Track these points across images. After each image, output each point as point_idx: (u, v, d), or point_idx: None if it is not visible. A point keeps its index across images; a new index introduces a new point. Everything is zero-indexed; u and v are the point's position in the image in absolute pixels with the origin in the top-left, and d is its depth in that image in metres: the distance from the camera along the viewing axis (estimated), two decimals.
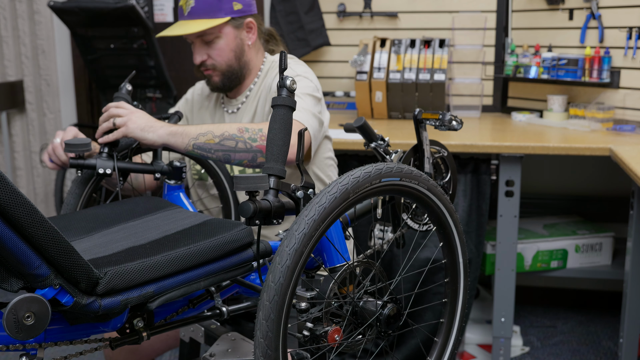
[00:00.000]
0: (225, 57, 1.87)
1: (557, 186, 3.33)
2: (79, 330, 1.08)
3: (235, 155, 1.60)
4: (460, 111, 3.15)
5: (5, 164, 3.82)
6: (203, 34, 1.83)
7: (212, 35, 1.84)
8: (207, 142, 1.59)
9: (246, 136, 1.60)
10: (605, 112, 2.74)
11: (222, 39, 1.85)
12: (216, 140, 1.59)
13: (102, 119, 1.61)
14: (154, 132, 1.58)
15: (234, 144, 1.59)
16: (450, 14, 3.20)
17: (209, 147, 1.59)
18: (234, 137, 1.60)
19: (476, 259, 2.64)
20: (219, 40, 1.85)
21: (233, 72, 1.90)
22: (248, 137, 1.60)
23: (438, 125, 1.51)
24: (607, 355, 2.91)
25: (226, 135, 1.59)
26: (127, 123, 1.57)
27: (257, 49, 1.96)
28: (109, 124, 1.59)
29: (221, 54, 1.86)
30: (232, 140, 1.59)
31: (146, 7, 3.57)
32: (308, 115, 1.77)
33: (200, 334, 1.58)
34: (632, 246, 2.32)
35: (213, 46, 1.85)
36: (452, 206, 1.23)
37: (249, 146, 1.60)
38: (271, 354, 0.94)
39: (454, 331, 1.31)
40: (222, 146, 1.59)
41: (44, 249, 0.90)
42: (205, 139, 1.59)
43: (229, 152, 1.60)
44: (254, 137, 1.60)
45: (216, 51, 1.86)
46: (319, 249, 1.21)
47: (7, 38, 3.71)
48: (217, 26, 1.82)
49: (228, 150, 1.59)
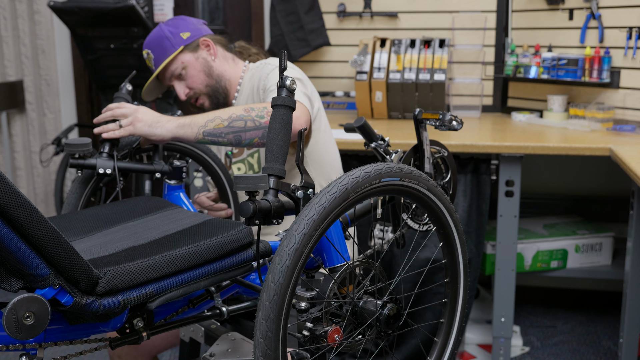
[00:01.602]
0: (199, 80, 1.97)
1: (557, 186, 3.33)
2: (78, 330, 1.08)
3: (246, 134, 1.61)
4: (460, 111, 3.15)
5: (5, 164, 3.82)
6: (171, 73, 1.96)
7: (179, 69, 1.95)
8: (217, 127, 1.61)
9: (253, 114, 1.62)
10: (605, 112, 2.74)
11: (188, 67, 1.95)
12: (225, 123, 1.60)
13: (102, 118, 1.62)
14: (162, 126, 1.59)
15: (243, 123, 1.61)
16: (450, 14, 3.20)
17: (219, 131, 1.61)
18: (242, 117, 1.61)
19: (476, 259, 2.64)
20: (186, 70, 1.96)
21: (214, 89, 1.98)
22: (255, 115, 1.62)
23: (438, 125, 1.51)
24: (607, 355, 2.91)
25: (234, 117, 1.61)
26: (133, 122, 1.58)
27: (226, 60, 2.02)
28: (114, 125, 1.60)
29: (194, 79, 1.97)
30: (240, 121, 1.61)
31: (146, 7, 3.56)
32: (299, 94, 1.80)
33: (200, 334, 1.58)
34: (632, 246, 2.32)
35: (186, 77, 1.97)
36: (452, 206, 1.23)
37: (257, 123, 1.62)
38: (271, 354, 0.94)
39: (454, 331, 1.31)
40: (232, 128, 1.61)
41: (44, 249, 0.90)
42: (214, 125, 1.60)
43: (240, 133, 1.61)
44: (260, 114, 1.62)
45: (190, 79, 1.97)
46: (318, 249, 1.21)
47: (7, 38, 3.71)
48: (176, 58, 1.94)
49: (238, 131, 1.61)
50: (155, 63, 1.96)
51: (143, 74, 3.38)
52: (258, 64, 2.01)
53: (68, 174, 3.67)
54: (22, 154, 3.85)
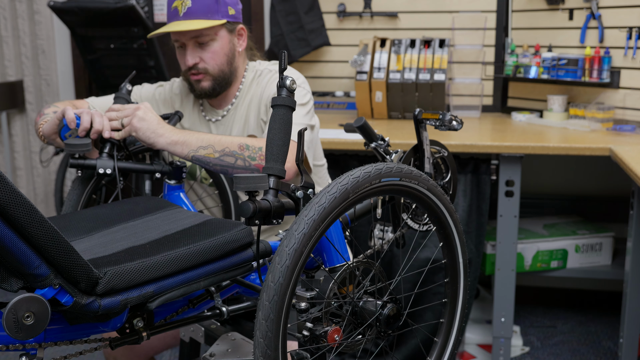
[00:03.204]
0: (219, 61, 1.83)
1: (557, 186, 3.33)
2: (78, 330, 1.08)
3: (234, 171, 1.62)
4: (460, 111, 3.15)
5: (5, 164, 3.82)
6: (199, 35, 1.79)
7: (208, 37, 1.80)
8: (207, 156, 1.61)
9: (246, 154, 1.62)
10: (605, 112, 2.74)
11: (217, 41, 1.81)
12: (216, 155, 1.61)
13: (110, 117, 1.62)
14: (155, 139, 1.60)
15: (233, 160, 1.61)
16: (450, 14, 3.20)
17: (208, 160, 1.62)
18: (234, 154, 1.61)
19: (476, 259, 2.64)
20: (213, 42, 1.81)
21: (224, 78, 1.86)
22: (248, 155, 1.62)
23: (438, 125, 1.51)
24: (607, 355, 2.91)
25: (227, 151, 1.61)
26: (132, 121, 1.60)
27: (243, 58, 1.94)
28: (117, 123, 1.61)
29: (215, 57, 1.83)
30: (231, 157, 1.61)
31: (146, 7, 3.56)
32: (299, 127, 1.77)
33: (200, 334, 1.58)
34: (632, 246, 2.32)
35: (207, 49, 1.82)
36: (452, 206, 1.23)
37: (247, 164, 1.61)
38: (270, 354, 0.94)
39: (454, 331, 1.31)
40: (221, 161, 1.62)
41: (44, 249, 0.90)
42: (205, 153, 1.61)
43: (227, 168, 1.62)
44: (253, 156, 1.62)
45: (210, 54, 1.82)
46: (318, 249, 1.21)
47: (7, 38, 3.71)
48: (214, 28, 1.80)
49: (227, 166, 1.62)
50: (189, 12, 1.77)
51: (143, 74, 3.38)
52: (257, 65, 1.95)
53: (68, 174, 3.67)
54: (22, 154, 3.85)
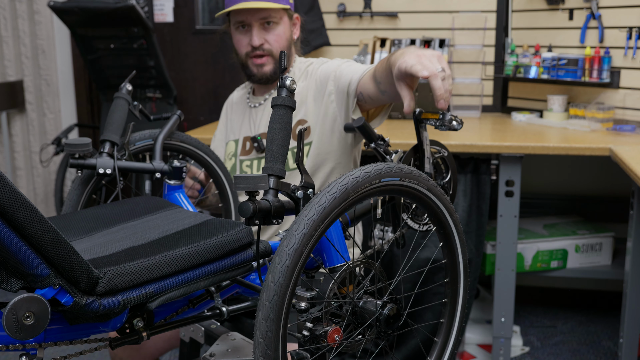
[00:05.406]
0: (282, 44, 1.87)
1: (557, 186, 3.33)
2: (78, 330, 1.07)
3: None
4: (460, 111, 3.15)
5: (5, 164, 3.82)
6: (268, 16, 1.82)
7: (275, 19, 1.84)
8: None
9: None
10: (605, 112, 2.74)
11: (280, 25, 1.85)
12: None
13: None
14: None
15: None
16: (450, 14, 3.20)
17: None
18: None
19: (476, 259, 2.64)
20: (277, 26, 1.85)
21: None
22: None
23: (438, 125, 1.51)
24: (607, 355, 2.91)
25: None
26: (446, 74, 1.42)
27: (296, 48, 1.97)
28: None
29: (279, 39, 1.86)
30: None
31: (146, 7, 3.57)
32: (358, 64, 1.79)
33: (200, 334, 1.58)
34: (632, 246, 2.32)
35: (271, 31, 1.85)
36: (452, 206, 1.23)
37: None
38: (270, 354, 0.94)
39: (454, 331, 1.31)
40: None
41: (44, 249, 0.90)
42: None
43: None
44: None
45: (275, 36, 1.85)
46: (318, 249, 1.21)
47: (7, 38, 3.71)
48: (280, 11, 1.84)
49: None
50: None
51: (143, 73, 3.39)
52: (307, 60, 1.97)
53: (68, 174, 3.67)
54: (22, 154, 3.85)
